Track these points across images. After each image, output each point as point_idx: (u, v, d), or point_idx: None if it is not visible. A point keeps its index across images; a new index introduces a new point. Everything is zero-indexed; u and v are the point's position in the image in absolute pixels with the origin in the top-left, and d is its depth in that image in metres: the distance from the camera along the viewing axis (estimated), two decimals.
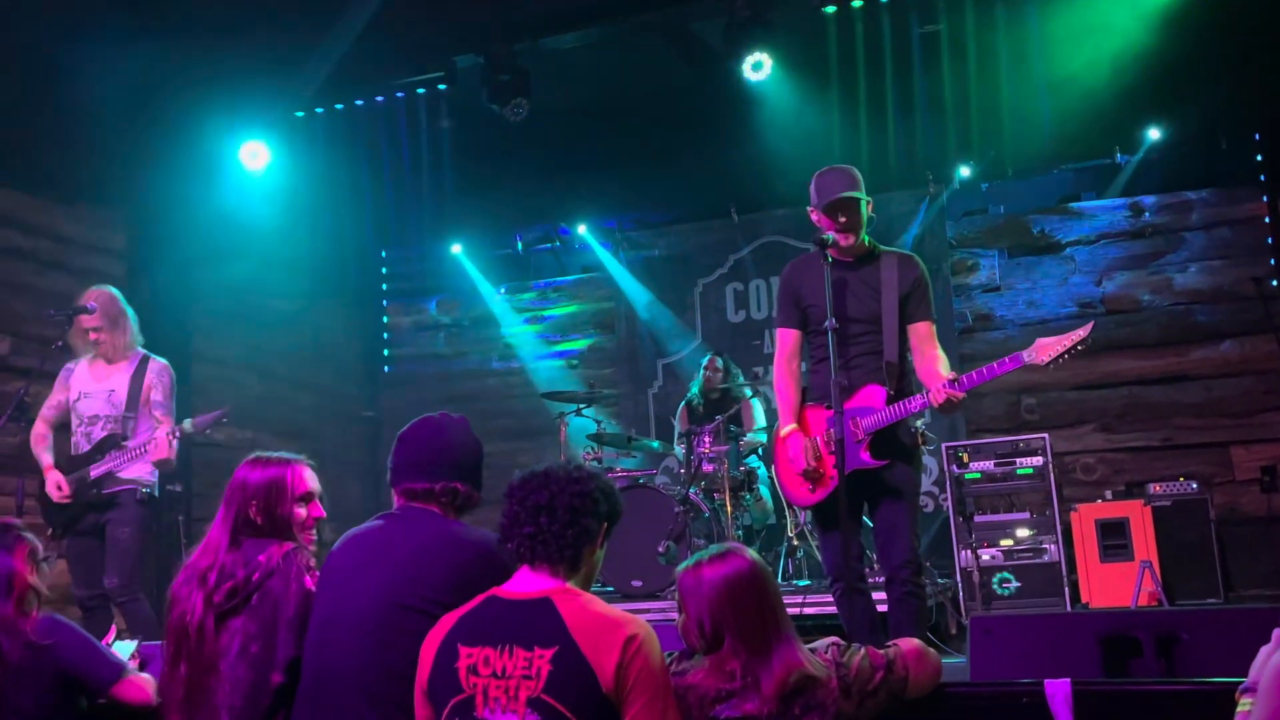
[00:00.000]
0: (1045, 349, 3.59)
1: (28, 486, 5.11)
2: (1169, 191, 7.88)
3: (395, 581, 2.49)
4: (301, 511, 2.87)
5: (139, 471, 4.96)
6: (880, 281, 3.89)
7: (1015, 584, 6.04)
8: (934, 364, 3.81)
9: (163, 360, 5.15)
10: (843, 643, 2.42)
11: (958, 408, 3.71)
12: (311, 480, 2.93)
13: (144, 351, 5.13)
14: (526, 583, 2.28)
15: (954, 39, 7.09)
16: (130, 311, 5.14)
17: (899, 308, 3.86)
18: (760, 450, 6.90)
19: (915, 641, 2.55)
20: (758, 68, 6.86)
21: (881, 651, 2.42)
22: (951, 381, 3.67)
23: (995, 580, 6.03)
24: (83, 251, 6.95)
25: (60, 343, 5.13)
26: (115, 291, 5.15)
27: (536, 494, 2.31)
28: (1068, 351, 3.55)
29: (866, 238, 3.98)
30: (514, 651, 2.15)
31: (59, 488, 4.91)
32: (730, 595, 2.30)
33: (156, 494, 5.07)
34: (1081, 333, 3.55)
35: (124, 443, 4.93)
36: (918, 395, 3.76)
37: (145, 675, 3.07)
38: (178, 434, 4.84)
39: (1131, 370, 7.79)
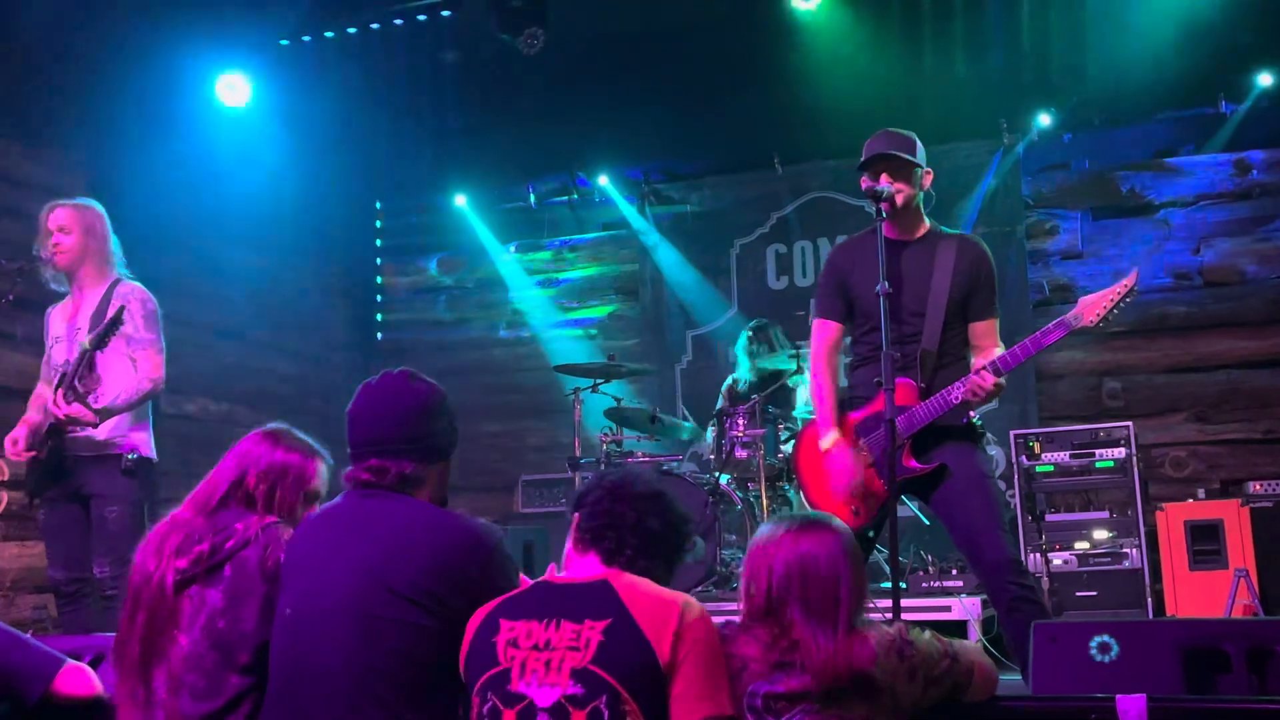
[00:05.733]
0: (1091, 307, 3.68)
1: None
2: None
3: (376, 563, 2.50)
4: (300, 511, 2.91)
5: (119, 430, 4.67)
6: (934, 266, 3.90)
7: None
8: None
9: (135, 283, 4.82)
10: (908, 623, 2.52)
11: (995, 395, 3.72)
12: (324, 481, 2.99)
13: (117, 275, 4.85)
14: (582, 569, 2.45)
15: None
16: (112, 232, 4.91)
17: (950, 297, 3.87)
18: None
19: (971, 642, 2.60)
20: None
21: (944, 640, 2.51)
22: (987, 367, 3.70)
23: None
24: (40, 195, 6.91)
25: (11, 296, 5.02)
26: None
27: (655, 519, 2.48)
28: (1117, 305, 3.65)
29: (928, 219, 4.02)
30: (561, 625, 2.28)
31: (14, 442, 4.67)
32: (806, 572, 2.38)
33: (151, 456, 4.78)
34: (1128, 282, 3.66)
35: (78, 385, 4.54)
36: (956, 384, 3.76)
37: (88, 668, 3.04)
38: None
39: (1232, 352, 7.74)
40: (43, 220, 4.87)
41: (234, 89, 7.36)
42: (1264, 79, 7.55)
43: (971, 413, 3.92)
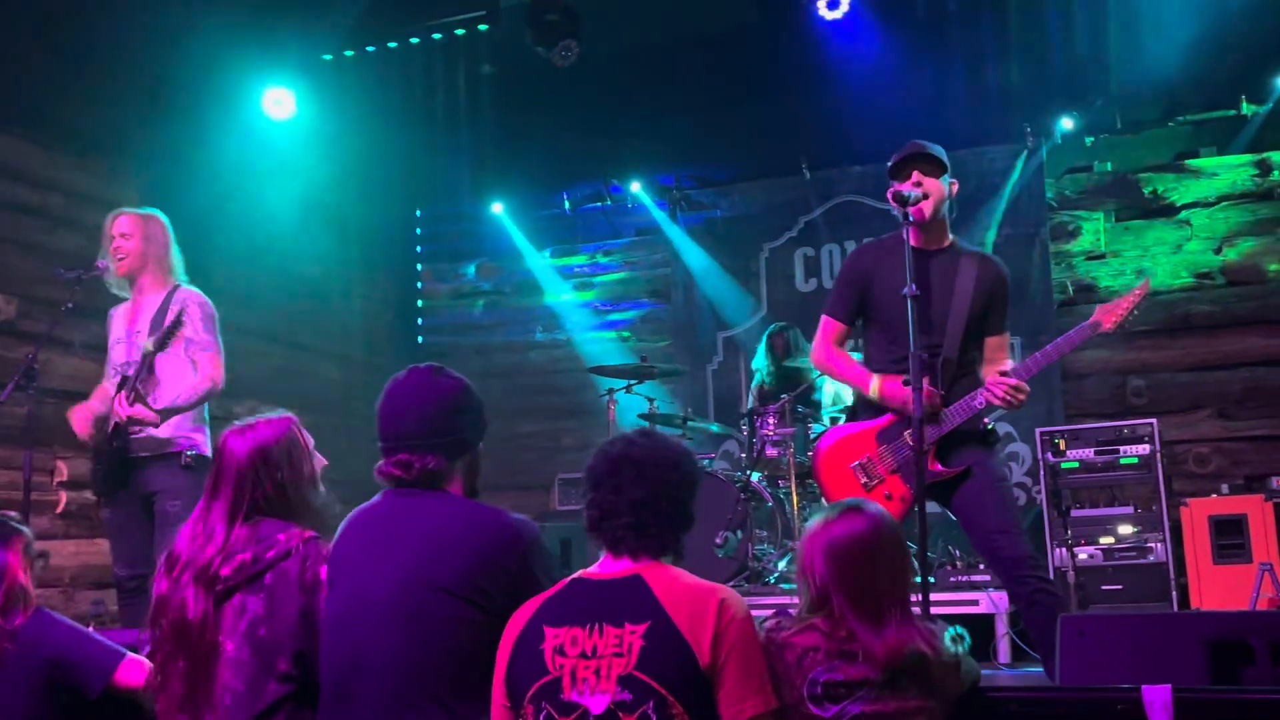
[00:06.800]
0: (1108, 314, 3.81)
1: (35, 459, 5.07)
2: None
3: (419, 562, 2.52)
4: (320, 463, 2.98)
5: (180, 429, 4.74)
6: (958, 277, 3.93)
7: None
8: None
9: (193, 289, 4.89)
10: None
11: (1020, 400, 3.76)
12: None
13: (176, 282, 4.92)
14: (614, 564, 2.41)
15: None
16: (174, 241, 4.99)
17: (971, 310, 3.90)
18: None
19: None
20: (834, 5, 6.87)
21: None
22: (1011, 371, 3.76)
23: None
24: (95, 208, 7.06)
25: (70, 304, 5.04)
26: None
27: (633, 487, 2.40)
28: (1133, 310, 3.78)
29: (951, 235, 4.04)
30: (604, 630, 2.27)
31: (82, 421, 4.76)
32: (840, 556, 2.41)
33: (208, 455, 4.71)
34: (1140, 290, 3.83)
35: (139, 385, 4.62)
36: (980, 391, 3.82)
37: (147, 660, 3.07)
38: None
39: (1255, 350, 7.72)
40: (107, 226, 4.95)
41: (280, 103, 7.45)
42: None
43: (986, 420, 3.98)
